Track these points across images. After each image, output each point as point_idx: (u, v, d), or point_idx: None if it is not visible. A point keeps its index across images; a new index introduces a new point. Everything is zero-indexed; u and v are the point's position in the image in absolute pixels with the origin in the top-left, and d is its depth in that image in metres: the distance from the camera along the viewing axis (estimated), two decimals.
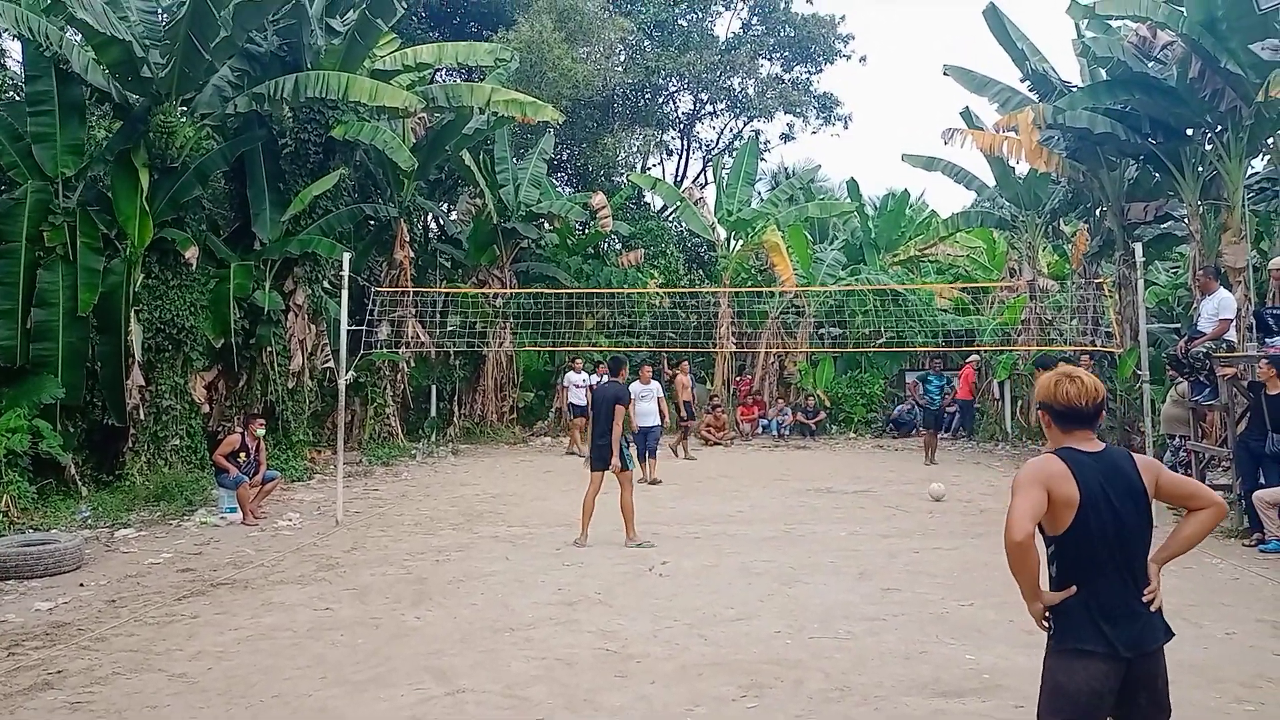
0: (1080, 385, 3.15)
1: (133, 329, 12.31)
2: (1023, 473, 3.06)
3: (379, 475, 15.22)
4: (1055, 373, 3.19)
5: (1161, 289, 20.94)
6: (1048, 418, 3.19)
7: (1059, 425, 3.17)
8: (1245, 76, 12.63)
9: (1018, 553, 2.96)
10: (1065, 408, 3.14)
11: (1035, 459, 3.13)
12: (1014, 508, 2.97)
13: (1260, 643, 6.07)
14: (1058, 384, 3.15)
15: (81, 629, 6.61)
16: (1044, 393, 3.17)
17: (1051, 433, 3.20)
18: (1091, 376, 3.20)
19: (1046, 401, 3.17)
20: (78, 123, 12.37)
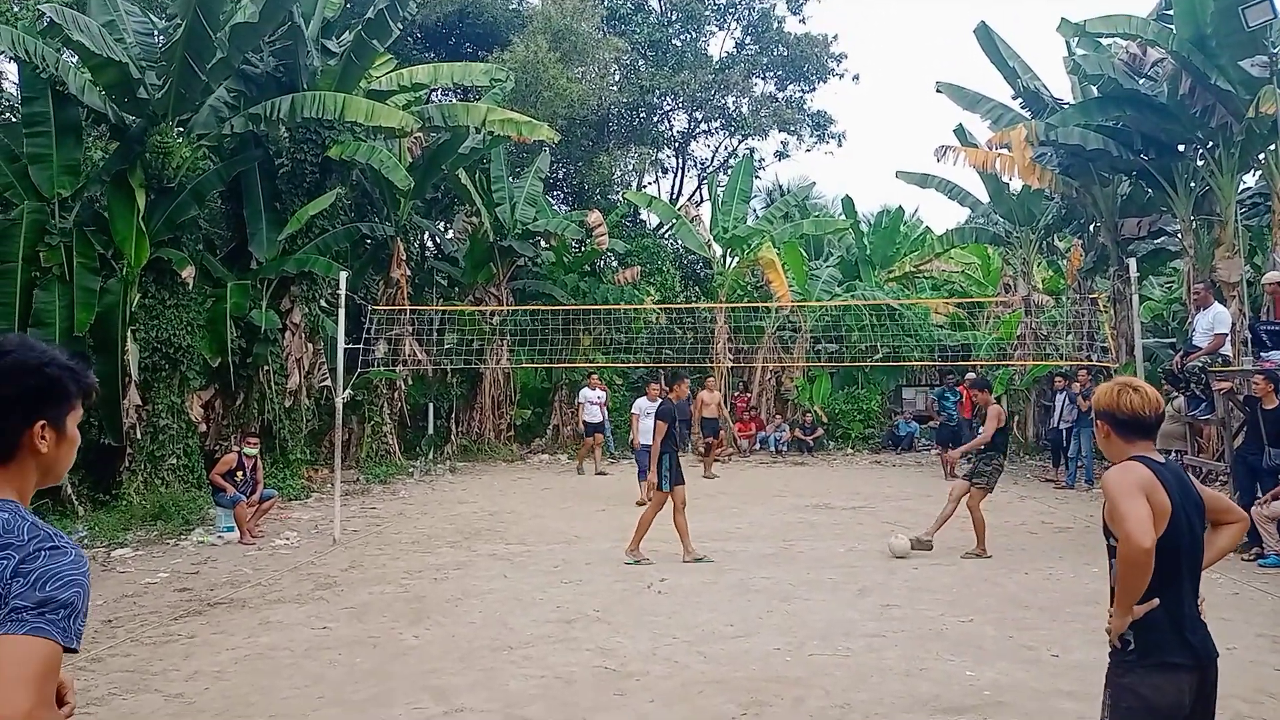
0: (1144, 395, 3.11)
1: (129, 348, 12.29)
2: (1117, 480, 2.96)
3: (376, 493, 15.18)
4: (1116, 382, 3.15)
5: (1156, 304, 21.05)
6: (1107, 428, 3.13)
7: (1120, 435, 3.11)
8: (1235, 93, 12.74)
9: (1145, 560, 2.83)
10: (1130, 417, 3.09)
11: (1120, 467, 3.04)
12: (1130, 514, 2.86)
13: (1261, 658, 6.06)
14: (1120, 393, 3.11)
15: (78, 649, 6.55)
16: (1107, 402, 3.12)
17: (1113, 443, 3.14)
18: (1150, 387, 3.19)
19: (1110, 411, 3.11)
20: (74, 143, 12.39)
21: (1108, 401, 3.11)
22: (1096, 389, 3.11)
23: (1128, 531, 2.83)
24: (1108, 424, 3.13)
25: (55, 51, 11.97)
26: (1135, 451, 3.10)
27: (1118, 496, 2.92)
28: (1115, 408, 3.10)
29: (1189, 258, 14.94)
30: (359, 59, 14.97)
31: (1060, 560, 9.32)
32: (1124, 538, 2.84)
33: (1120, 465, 3.04)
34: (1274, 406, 9.42)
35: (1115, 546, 2.96)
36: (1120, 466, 3.03)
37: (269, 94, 14.29)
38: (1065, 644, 6.40)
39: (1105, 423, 3.13)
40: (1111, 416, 3.11)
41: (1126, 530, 2.84)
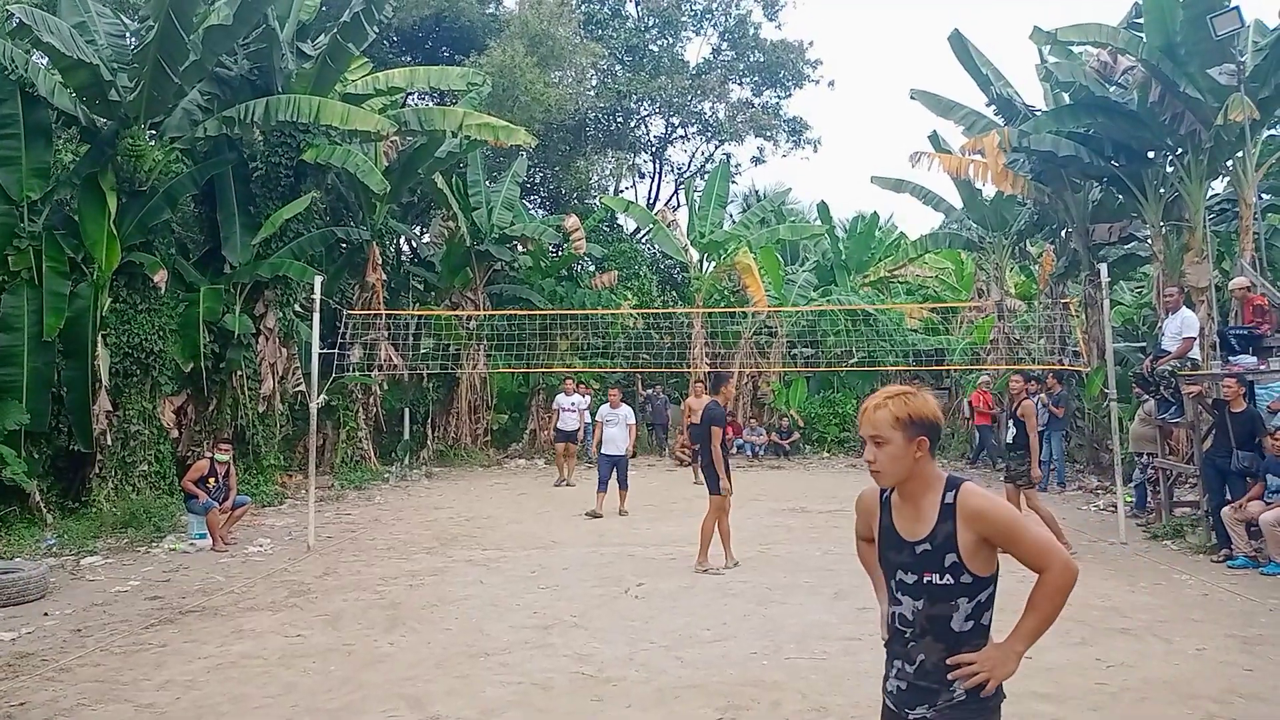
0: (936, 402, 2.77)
1: (100, 353, 12.15)
2: (1004, 505, 2.67)
3: (351, 499, 15.06)
4: (915, 390, 2.73)
5: (1126, 308, 21.30)
6: (928, 443, 2.66)
7: (932, 450, 2.70)
8: (1204, 100, 12.93)
9: (1076, 580, 2.64)
10: (941, 428, 2.74)
11: (977, 486, 2.69)
12: (1048, 539, 2.65)
13: (1231, 658, 6.14)
14: (932, 402, 2.72)
15: (46, 659, 6.47)
16: (931, 412, 2.67)
17: (925, 461, 2.68)
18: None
19: (935, 423, 2.68)
20: (44, 146, 12.22)
21: (931, 412, 2.68)
22: (907, 399, 2.65)
23: (1064, 559, 2.61)
24: (929, 439, 2.66)
25: (25, 53, 11.82)
26: (939, 469, 2.75)
27: (1017, 524, 2.63)
28: (937, 418, 2.70)
29: (1159, 263, 15.13)
30: (334, 62, 14.90)
31: None
32: (1063, 565, 2.60)
33: (977, 487, 2.67)
34: (1242, 410, 9.57)
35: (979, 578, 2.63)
36: (981, 489, 2.68)
37: (243, 97, 14.19)
38: (1038, 646, 6.32)
39: (927, 438, 2.65)
40: (936, 429, 2.69)
41: (1063, 557, 2.61)
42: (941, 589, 2.64)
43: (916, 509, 2.69)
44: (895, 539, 2.74)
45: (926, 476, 2.68)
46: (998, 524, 2.60)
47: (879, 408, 2.67)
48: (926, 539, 2.65)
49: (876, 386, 18.98)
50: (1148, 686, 5.59)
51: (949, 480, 2.68)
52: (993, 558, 2.65)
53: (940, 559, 2.62)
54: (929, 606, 2.66)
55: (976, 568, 2.63)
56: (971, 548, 2.61)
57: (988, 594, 2.69)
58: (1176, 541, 10.47)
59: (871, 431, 2.68)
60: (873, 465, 2.68)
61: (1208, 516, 9.93)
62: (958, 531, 2.60)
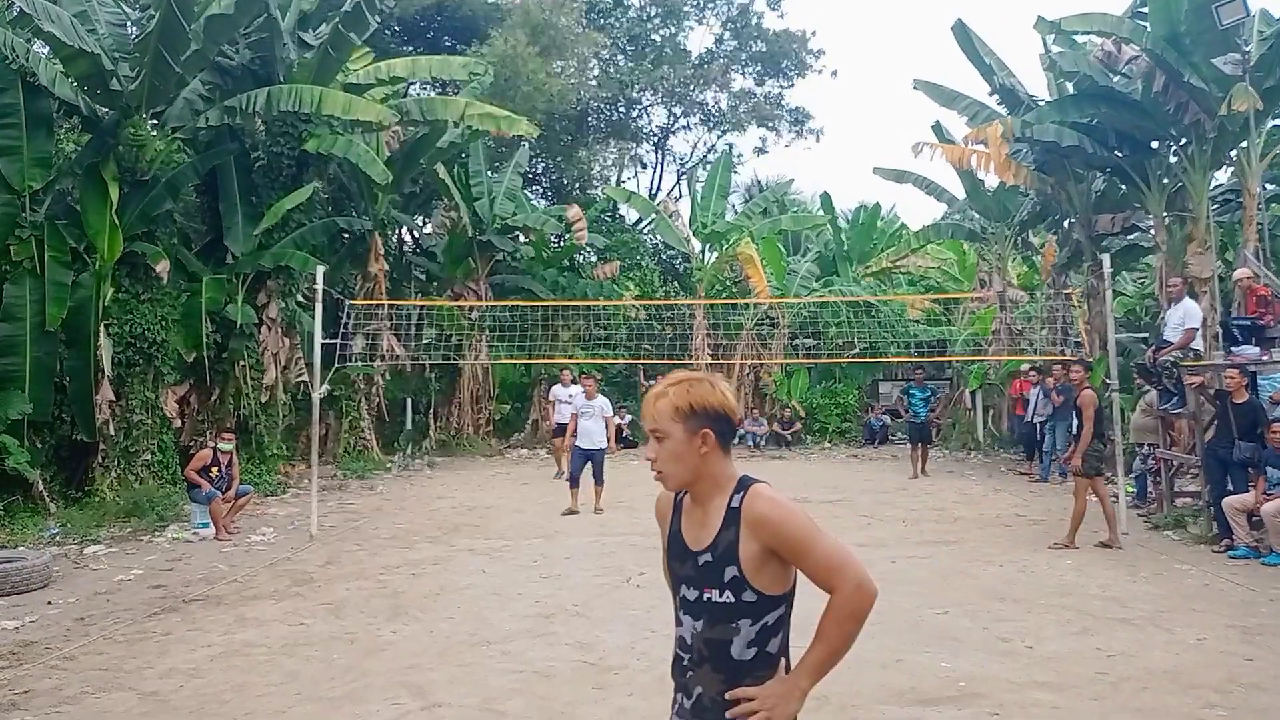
0: (734, 394, 2.43)
1: (102, 343, 12.16)
2: (793, 510, 2.26)
3: (354, 489, 15.10)
4: (701, 378, 2.37)
5: (1129, 299, 21.27)
6: (714, 437, 2.31)
7: (724, 446, 2.35)
8: (1208, 90, 12.88)
9: (873, 602, 2.25)
10: (736, 420, 2.39)
11: (776, 490, 2.31)
12: (842, 554, 2.24)
13: (1231, 648, 6.15)
14: (719, 390, 2.36)
15: (49, 648, 6.50)
16: (719, 402, 2.32)
17: (714, 458, 2.32)
18: None
19: (722, 413, 2.32)
20: (45, 135, 12.22)
21: (718, 401, 2.32)
22: (690, 386, 2.32)
23: (859, 576, 2.21)
24: (715, 432, 2.31)
25: (26, 42, 11.81)
26: (735, 467, 2.37)
27: (808, 532, 2.24)
28: (729, 409, 2.35)
29: (1162, 253, 15.10)
30: (336, 52, 14.86)
31: (1035, 553, 9.41)
32: (856, 585, 2.20)
33: (767, 488, 2.30)
34: (1244, 400, 9.56)
35: (765, 597, 2.25)
36: (772, 489, 2.31)
37: (245, 87, 14.17)
38: (1040, 635, 6.47)
39: (712, 431, 2.31)
40: (727, 421, 2.34)
41: (858, 574, 2.21)
42: (721, 608, 2.27)
43: (704, 514, 2.34)
44: (680, 547, 2.39)
45: (716, 476, 2.33)
46: (782, 532, 2.22)
47: (659, 397, 2.33)
48: (708, 548, 2.29)
49: (878, 377, 18.92)
50: (1149, 676, 5.60)
51: (740, 481, 2.32)
52: (784, 574, 2.27)
53: (720, 572, 2.26)
54: (707, 628, 2.29)
55: (762, 584, 2.25)
56: (755, 560, 2.24)
57: (776, 616, 2.29)
58: (1178, 532, 10.48)
59: (651, 425, 2.34)
60: (653, 464, 2.34)
61: (1209, 507, 9.93)
62: (740, 540, 2.25)
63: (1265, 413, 9.66)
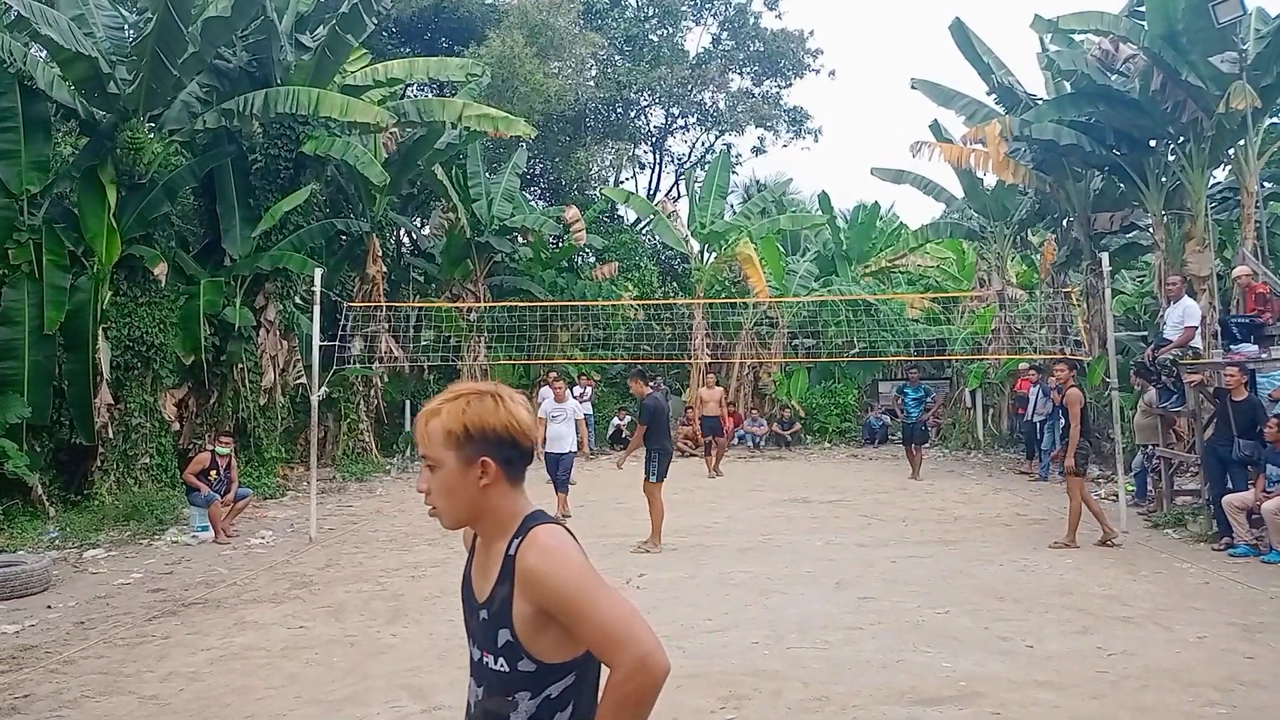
0: (528, 409, 1.99)
1: (101, 347, 12.15)
2: (570, 564, 1.83)
3: (353, 491, 15.09)
4: (482, 390, 1.95)
5: (1128, 297, 21.26)
6: (496, 466, 1.90)
7: (512, 476, 1.94)
8: (1205, 88, 12.88)
9: (661, 683, 1.81)
10: (528, 444, 1.96)
11: (558, 535, 1.89)
12: (625, 623, 1.79)
13: (1231, 645, 6.15)
14: (510, 407, 1.93)
15: (49, 651, 6.49)
16: (499, 423, 1.90)
17: (497, 491, 1.91)
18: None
19: (505, 436, 1.91)
20: (43, 139, 12.21)
21: (500, 423, 1.90)
22: (466, 405, 1.91)
23: (645, 649, 1.78)
24: (497, 460, 1.90)
25: (23, 46, 11.81)
26: (526, 503, 1.96)
27: (589, 587, 1.81)
28: (516, 431, 1.92)
29: (1160, 252, 15.10)
30: (333, 54, 14.86)
31: (1034, 552, 9.41)
32: (637, 663, 1.77)
33: (556, 533, 1.89)
34: (1244, 399, 9.55)
35: (545, 666, 1.86)
36: (558, 536, 1.88)
37: (242, 89, 14.16)
38: (1040, 634, 6.46)
39: (494, 459, 1.90)
40: (508, 446, 1.92)
41: (644, 647, 1.78)
42: (496, 676, 1.89)
43: (488, 559, 1.96)
44: (468, 594, 2.04)
45: (499, 513, 1.92)
46: (553, 590, 1.80)
47: (431, 416, 1.93)
48: (485, 603, 1.93)
49: (877, 377, 18.83)
50: (1149, 674, 5.59)
51: (524, 521, 1.91)
52: (570, 638, 1.84)
53: (494, 635, 1.88)
54: (486, 697, 1.92)
55: (541, 651, 1.85)
56: (531, 622, 1.84)
57: (563, 688, 1.87)
58: (1177, 530, 10.47)
59: (422, 450, 1.94)
60: (426, 498, 1.97)
61: (1209, 505, 9.93)
62: (514, 598, 1.85)
63: (1264, 410, 9.65)
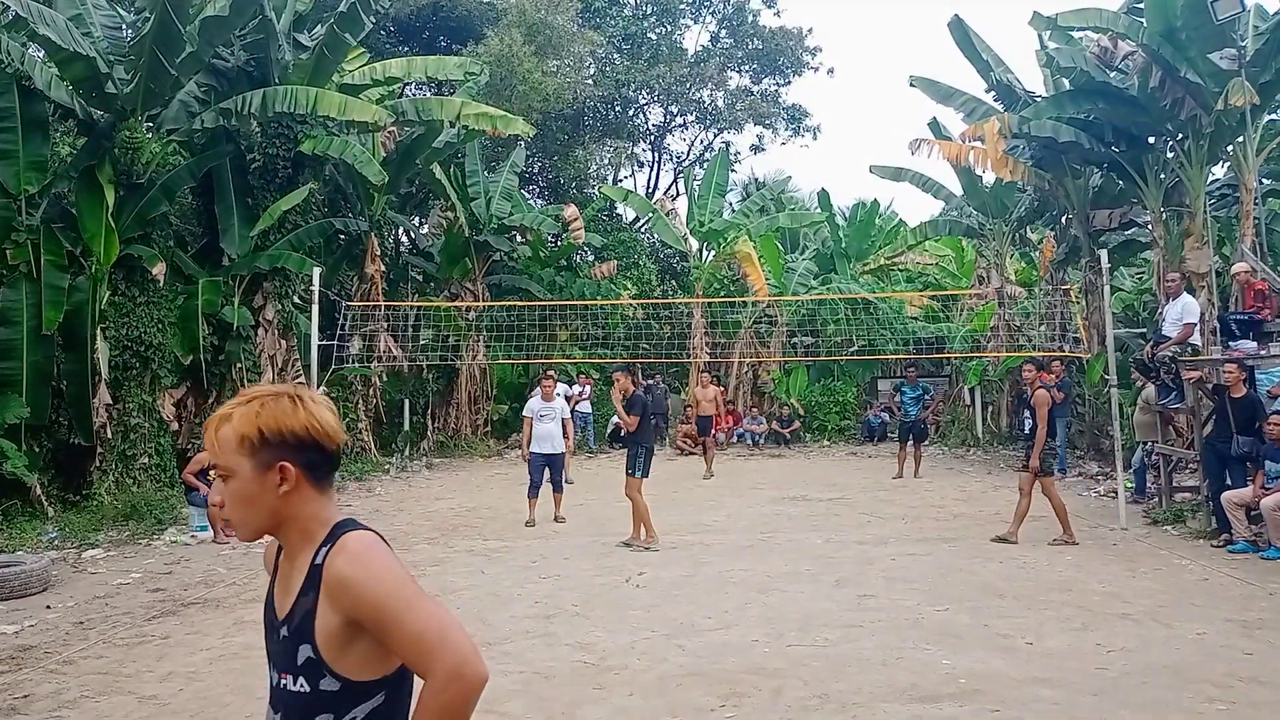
0: (332, 410, 1.87)
1: (99, 347, 12.13)
2: (383, 570, 1.70)
3: (352, 490, 15.07)
4: (282, 390, 1.83)
5: (1127, 294, 21.27)
6: (297, 471, 1.77)
7: (317, 481, 1.81)
8: (1204, 85, 12.87)
9: (478, 693, 1.70)
10: (332, 447, 1.82)
11: (369, 541, 1.75)
12: (439, 631, 1.68)
13: (1231, 642, 6.15)
14: (311, 408, 1.81)
15: (49, 652, 6.48)
16: (298, 425, 1.78)
17: (299, 498, 1.79)
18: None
19: (313, 438, 1.79)
20: (41, 139, 12.19)
21: (300, 424, 1.78)
22: (261, 407, 1.79)
23: (460, 658, 1.67)
24: (299, 465, 1.78)
25: (21, 46, 11.78)
26: (333, 511, 1.84)
27: (404, 593, 1.69)
28: (319, 432, 1.80)
29: (1159, 249, 15.10)
30: (331, 53, 14.85)
31: (1034, 548, 9.41)
32: (451, 673, 1.67)
33: (366, 538, 1.75)
34: (1243, 395, 9.56)
35: (350, 685, 1.74)
36: (368, 540, 1.75)
37: (240, 88, 14.14)
38: (1040, 631, 6.46)
39: (294, 463, 1.78)
40: (309, 449, 1.79)
41: (459, 655, 1.67)
42: (296, 699, 1.76)
43: (292, 571, 1.83)
44: (269, 615, 1.88)
45: (304, 522, 1.79)
46: (365, 597, 1.67)
47: (222, 422, 1.79)
48: (286, 618, 1.79)
49: (876, 374, 18.75)
50: (1148, 671, 5.59)
51: (334, 528, 1.78)
52: (380, 653, 1.73)
53: (295, 651, 1.75)
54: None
55: (347, 668, 1.73)
56: (336, 637, 1.71)
57: (370, 709, 1.75)
58: (1177, 527, 10.48)
59: (214, 459, 1.81)
60: (221, 511, 1.86)
61: (1208, 501, 9.93)
62: (318, 610, 1.72)
63: (1263, 407, 9.65)
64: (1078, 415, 17.30)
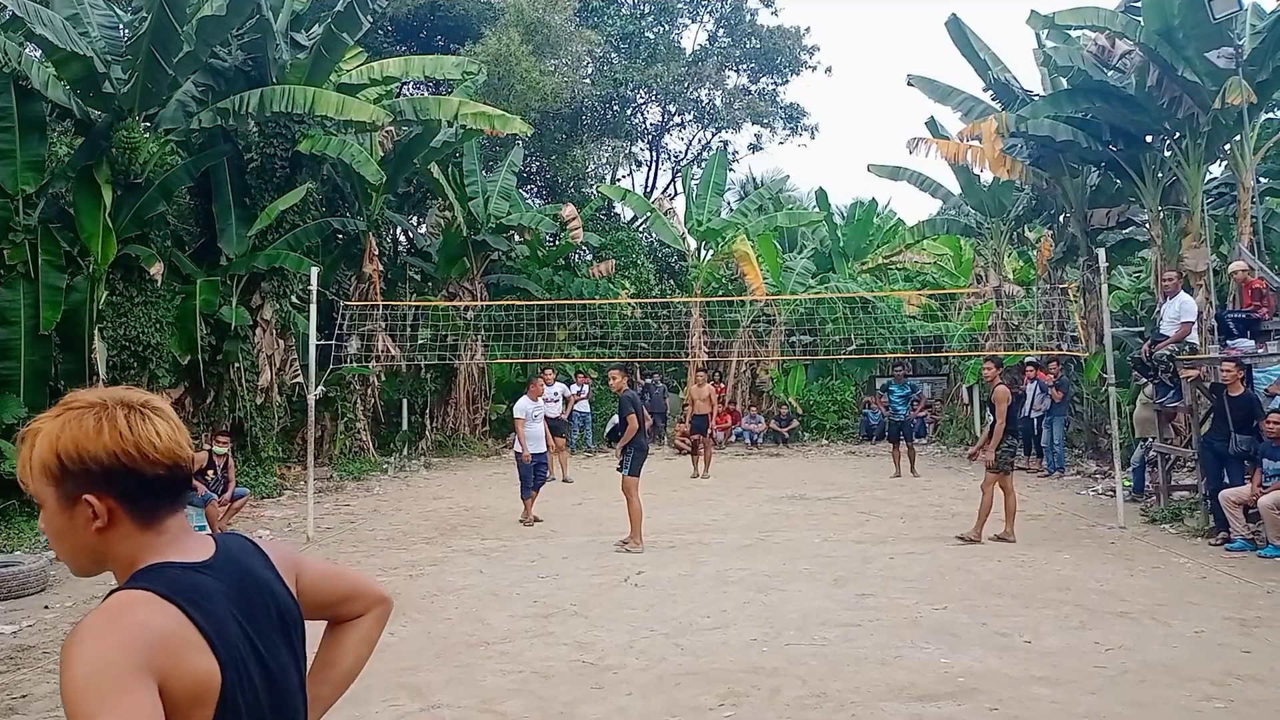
0: (165, 419, 1.51)
1: (97, 347, 12.13)
2: (97, 656, 1.29)
3: (350, 490, 15.07)
4: (91, 403, 1.48)
5: (1125, 293, 21.27)
6: (108, 505, 1.44)
7: (140, 512, 1.47)
8: (1201, 84, 12.89)
9: None
10: (158, 471, 1.47)
11: (116, 607, 1.37)
12: None
13: (1228, 640, 6.16)
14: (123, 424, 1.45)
15: (47, 652, 6.48)
16: (107, 450, 1.43)
17: (118, 537, 1.47)
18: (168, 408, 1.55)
19: (122, 464, 1.44)
20: (38, 139, 12.19)
21: (108, 446, 1.44)
22: (58, 431, 1.44)
23: None
24: (113, 496, 1.45)
25: (18, 45, 11.77)
26: (165, 545, 1.50)
27: (92, 704, 1.25)
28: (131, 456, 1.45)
29: (1156, 247, 15.12)
30: (329, 52, 14.84)
31: (1032, 547, 9.42)
32: None
33: (112, 602, 1.38)
34: (1240, 394, 9.57)
35: None
36: (110, 606, 1.37)
37: (237, 88, 14.14)
38: (1038, 630, 6.47)
39: (101, 496, 1.44)
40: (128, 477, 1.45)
41: None
42: None
43: None
44: None
45: (123, 565, 1.48)
46: (62, 696, 1.29)
47: (30, 439, 1.48)
48: None
49: (875, 374, 18.70)
50: (1146, 669, 5.60)
51: (130, 578, 1.45)
52: None
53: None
54: None
55: None
56: None
57: None
58: (1174, 525, 10.49)
59: (21, 480, 1.50)
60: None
61: (1206, 500, 9.94)
62: None
63: (1261, 405, 9.66)
64: (1076, 414, 17.31)
